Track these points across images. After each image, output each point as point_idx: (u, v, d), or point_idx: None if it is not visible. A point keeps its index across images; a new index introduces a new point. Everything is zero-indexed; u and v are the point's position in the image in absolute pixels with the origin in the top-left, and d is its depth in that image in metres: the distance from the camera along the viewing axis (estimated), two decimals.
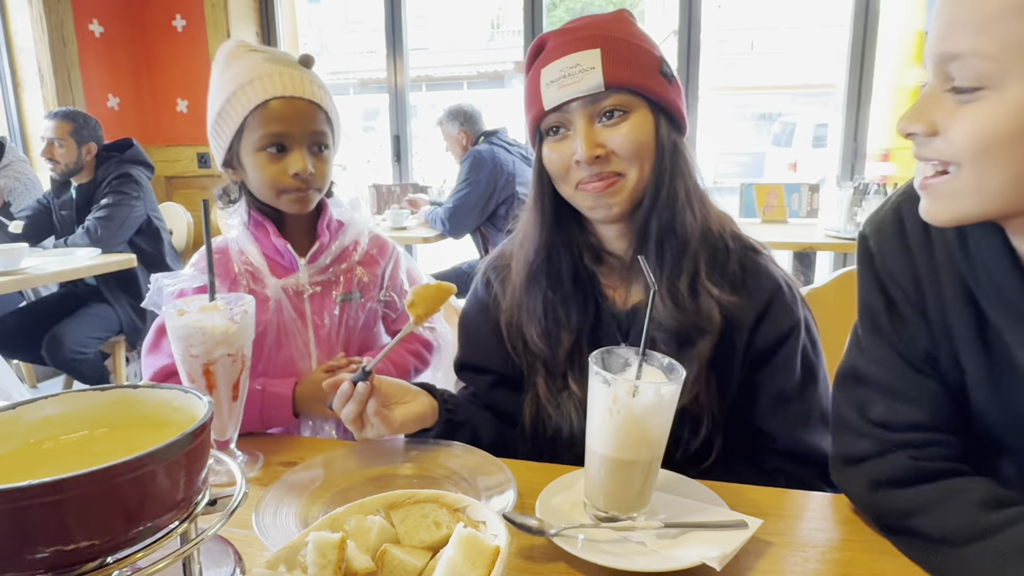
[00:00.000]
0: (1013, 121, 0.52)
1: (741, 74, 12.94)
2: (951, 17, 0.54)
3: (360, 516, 0.59)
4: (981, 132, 0.54)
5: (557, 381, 0.98)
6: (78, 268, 2.60)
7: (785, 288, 0.93)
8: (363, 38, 14.91)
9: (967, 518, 0.61)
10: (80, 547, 0.46)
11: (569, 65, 0.87)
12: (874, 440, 0.71)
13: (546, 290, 0.96)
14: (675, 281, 0.91)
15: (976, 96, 0.54)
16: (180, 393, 0.60)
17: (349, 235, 1.18)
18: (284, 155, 1.05)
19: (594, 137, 0.88)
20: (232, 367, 0.85)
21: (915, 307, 0.70)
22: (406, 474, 0.87)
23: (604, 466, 0.70)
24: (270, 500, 0.77)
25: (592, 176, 0.89)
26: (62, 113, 2.89)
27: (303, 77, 1.05)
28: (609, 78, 0.86)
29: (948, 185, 0.58)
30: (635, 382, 0.68)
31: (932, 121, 0.57)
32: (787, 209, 3.34)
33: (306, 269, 1.12)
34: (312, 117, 1.05)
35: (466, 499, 0.61)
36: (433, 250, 4.01)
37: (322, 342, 1.14)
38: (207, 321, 0.82)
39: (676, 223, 0.90)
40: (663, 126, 0.90)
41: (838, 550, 0.69)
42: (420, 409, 0.94)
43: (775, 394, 0.92)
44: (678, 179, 0.90)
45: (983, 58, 0.52)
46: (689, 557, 0.64)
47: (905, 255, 0.70)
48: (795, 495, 0.80)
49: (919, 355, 0.70)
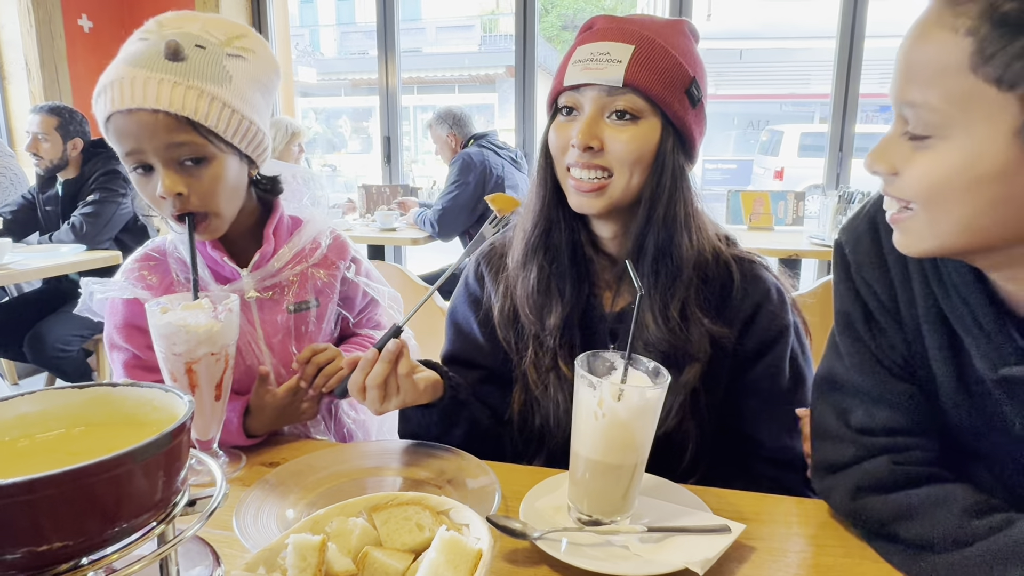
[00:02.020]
0: (959, 170, 0.55)
1: (730, 83, 13.05)
2: (906, 68, 0.57)
3: (342, 518, 0.59)
4: (930, 179, 0.56)
5: (546, 360, 0.98)
6: (62, 264, 2.57)
7: (774, 293, 0.93)
8: (355, 39, 14.88)
9: (952, 525, 0.62)
10: (53, 548, 0.45)
11: (600, 51, 0.87)
12: (855, 446, 0.71)
13: (542, 262, 0.96)
14: (667, 304, 0.90)
15: (926, 144, 0.56)
16: (161, 392, 0.59)
17: (306, 235, 1.07)
18: (151, 175, 0.89)
19: (596, 129, 0.87)
20: (215, 366, 0.84)
21: (890, 314, 0.71)
22: (390, 476, 0.86)
23: (589, 469, 0.70)
24: (251, 501, 0.76)
25: (581, 164, 0.88)
26: (48, 108, 2.86)
27: (150, 79, 0.85)
28: (630, 76, 0.85)
29: (910, 223, 0.61)
30: (620, 385, 0.68)
31: (892, 162, 0.59)
32: (773, 216, 3.36)
33: (249, 277, 1.01)
34: (163, 128, 0.86)
35: (449, 502, 0.60)
36: (422, 252, 4.00)
37: (276, 350, 1.05)
38: (191, 319, 0.81)
39: (673, 246, 0.90)
40: (669, 144, 0.88)
41: (820, 555, 0.69)
42: (433, 377, 0.94)
43: (762, 399, 0.93)
44: (678, 202, 0.89)
45: (931, 110, 0.55)
46: (672, 561, 0.64)
47: (880, 264, 0.71)
48: (778, 500, 0.81)
49: (896, 360, 0.71)
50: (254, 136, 0.95)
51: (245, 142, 0.94)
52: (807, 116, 10.99)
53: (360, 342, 1.16)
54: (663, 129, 0.88)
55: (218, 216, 0.94)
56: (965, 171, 0.54)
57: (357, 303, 1.16)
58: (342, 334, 1.17)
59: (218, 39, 0.91)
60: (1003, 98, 0.51)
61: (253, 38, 0.96)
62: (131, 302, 0.99)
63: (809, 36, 10.70)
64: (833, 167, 3.63)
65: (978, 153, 0.53)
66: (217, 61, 0.90)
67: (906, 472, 0.68)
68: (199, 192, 0.90)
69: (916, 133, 0.56)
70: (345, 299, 1.14)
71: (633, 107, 0.86)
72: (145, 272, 1.01)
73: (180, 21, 0.92)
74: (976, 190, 0.55)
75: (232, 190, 0.95)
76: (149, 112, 0.85)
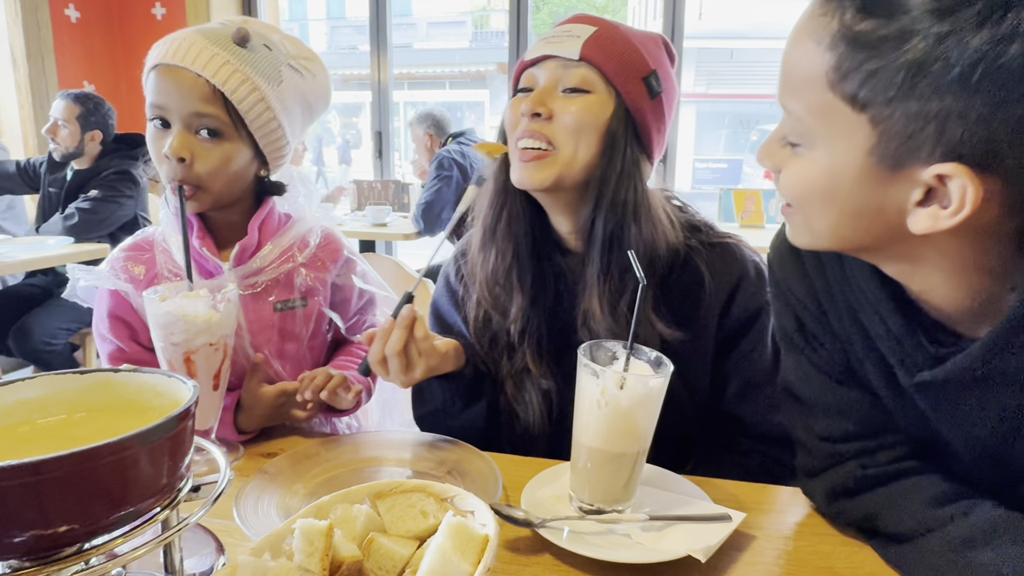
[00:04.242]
0: (821, 180, 0.56)
1: (720, 82, 13.11)
2: (783, 70, 0.58)
3: (346, 505, 0.58)
4: (799, 185, 0.58)
5: (517, 363, 0.97)
6: (48, 257, 2.54)
7: (752, 271, 0.93)
8: (345, 34, 14.80)
9: (916, 516, 0.64)
10: (59, 531, 0.44)
11: (563, 29, 0.90)
12: (824, 454, 0.73)
13: (501, 246, 0.96)
14: (617, 298, 0.90)
15: (797, 151, 0.58)
16: (164, 377, 0.58)
17: (293, 233, 1.04)
18: (167, 132, 0.92)
19: (547, 98, 0.88)
20: (213, 356, 0.83)
21: (823, 327, 0.71)
22: (389, 466, 0.86)
23: (591, 458, 0.70)
24: (251, 490, 0.75)
25: (527, 134, 0.88)
26: (73, 95, 2.82)
27: (206, 50, 0.89)
28: (586, 51, 0.86)
29: (792, 218, 0.63)
30: (623, 374, 0.68)
31: (775, 161, 0.61)
32: (764, 215, 3.39)
33: (232, 273, 0.98)
34: (197, 94, 0.89)
35: (454, 489, 0.60)
36: (413, 248, 3.99)
37: (262, 347, 1.01)
38: (189, 308, 0.80)
39: (623, 234, 0.89)
40: (621, 124, 0.88)
41: (819, 543, 0.70)
42: (454, 344, 0.93)
43: (745, 380, 0.93)
44: (628, 188, 0.88)
45: (798, 119, 0.56)
46: (674, 549, 0.64)
47: (804, 280, 0.72)
48: (776, 490, 0.81)
49: (839, 369, 0.71)
50: (278, 139, 0.97)
51: (266, 140, 0.96)
52: None
53: (355, 352, 1.13)
54: (616, 107, 0.88)
55: (207, 192, 0.94)
56: (826, 182, 0.56)
57: (353, 304, 1.13)
58: (335, 339, 1.14)
59: (288, 50, 0.98)
60: (856, 117, 0.52)
61: (319, 64, 1.02)
62: (115, 292, 0.98)
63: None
64: None
65: (836, 166, 0.55)
66: (276, 64, 0.95)
67: (874, 474, 0.69)
68: (202, 164, 0.92)
69: (790, 140, 0.58)
70: (336, 304, 1.10)
71: (586, 82, 0.87)
72: (130, 263, 1.00)
73: (263, 27, 0.98)
74: (836, 200, 0.56)
75: (233, 176, 0.96)
76: (193, 75, 0.89)
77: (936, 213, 0.51)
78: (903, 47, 0.48)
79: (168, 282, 0.96)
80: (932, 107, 0.47)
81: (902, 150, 0.50)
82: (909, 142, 0.50)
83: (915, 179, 0.51)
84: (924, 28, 0.46)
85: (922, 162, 0.50)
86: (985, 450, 0.63)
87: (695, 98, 12.20)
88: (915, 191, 0.52)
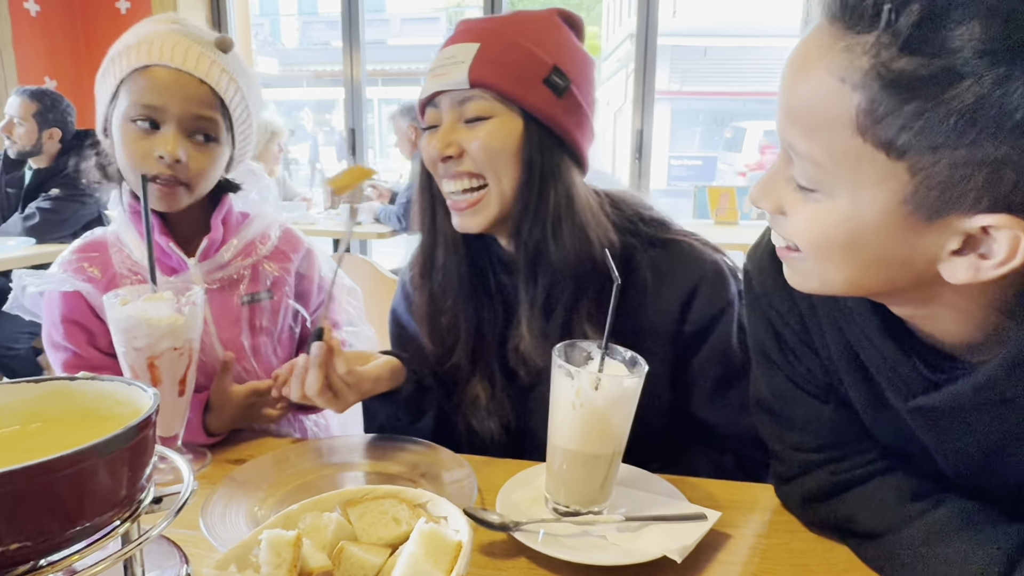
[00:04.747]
0: (844, 229, 0.51)
1: (695, 80, 13.23)
2: (787, 104, 0.52)
3: (316, 513, 0.57)
4: (814, 232, 0.53)
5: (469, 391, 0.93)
6: (8, 259, 2.46)
7: (711, 273, 0.89)
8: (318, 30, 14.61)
9: (888, 513, 0.64)
10: (10, 550, 0.42)
11: (447, 56, 0.84)
12: (795, 463, 0.73)
13: (433, 286, 0.93)
14: (547, 317, 0.86)
15: (811, 197, 0.52)
16: (123, 385, 0.56)
17: (255, 228, 1.05)
18: (155, 133, 0.90)
19: (450, 136, 0.83)
20: (178, 361, 0.81)
21: (804, 343, 0.70)
22: (362, 471, 0.85)
23: (566, 460, 0.70)
24: (218, 499, 0.74)
25: (448, 176, 0.85)
26: (29, 92, 2.72)
27: (204, 55, 0.91)
28: (474, 75, 0.81)
29: (797, 263, 0.58)
30: (598, 375, 0.68)
31: (779, 202, 0.56)
32: (739, 211, 3.42)
33: (198, 268, 0.98)
34: (198, 98, 0.91)
35: (427, 494, 0.59)
36: (388, 246, 3.95)
37: (230, 344, 1.00)
38: (152, 312, 0.78)
39: (547, 248, 0.85)
40: (534, 139, 0.83)
41: (793, 540, 0.71)
42: (393, 363, 0.90)
43: (713, 383, 0.90)
44: (548, 200, 0.84)
45: (814, 164, 0.50)
46: (650, 550, 0.64)
47: (787, 294, 0.68)
48: (751, 487, 0.82)
49: (816, 384, 0.71)
50: (248, 139, 1.00)
51: (243, 140, 0.99)
52: (769, 113, 11.20)
53: None
54: (524, 124, 0.83)
55: (192, 192, 0.95)
56: (848, 231, 0.51)
57: (313, 298, 1.12)
58: (303, 336, 1.12)
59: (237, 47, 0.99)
60: (891, 165, 0.46)
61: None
62: (70, 296, 0.94)
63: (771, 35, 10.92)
64: None
65: (862, 216, 0.50)
66: (245, 68, 0.97)
67: (845, 479, 0.69)
68: (197, 166, 0.92)
69: (801, 184, 0.52)
70: (300, 295, 1.10)
71: (484, 109, 0.82)
72: (86, 264, 0.96)
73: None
74: (858, 250, 0.52)
75: (215, 177, 0.97)
76: (194, 78, 0.90)
77: (976, 263, 0.47)
78: (950, 90, 0.43)
79: (130, 284, 0.93)
80: (984, 155, 0.43)
81: (943, 199, 0.46)
82: (952, 191, 0.45)
83: (954, 228, 0.47)
84: (976, 71, 0.42)
85: (965, 211, 0.45)
86: (970, 462, 0.62)
87: (670, 95, 12.30)
88: (951, 240, 0.47)
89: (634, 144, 3.84)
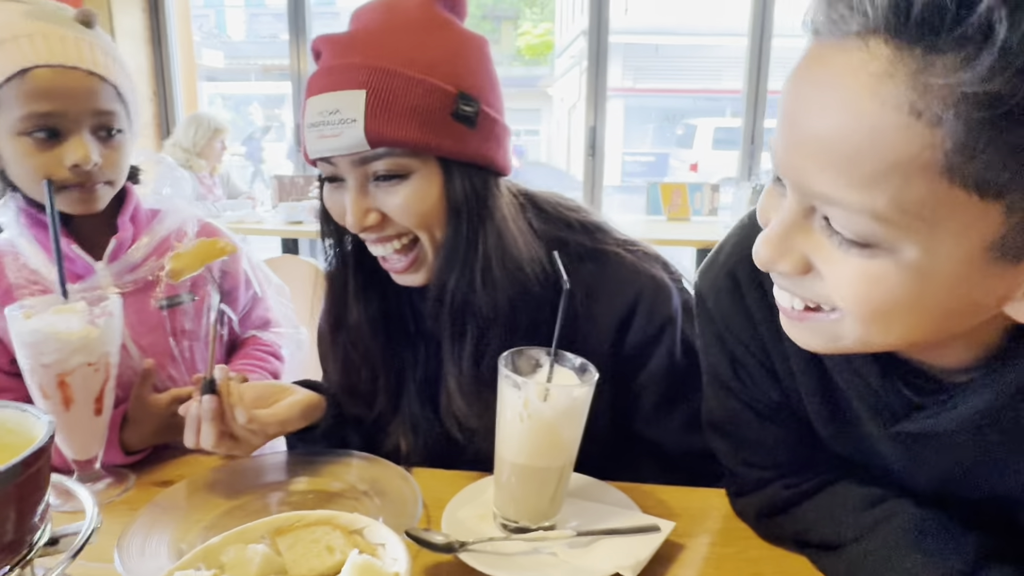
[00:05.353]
0: (908, 284, 0.42)
1: (647, 77, 13.39)
2: (819, 156, 0.41)
3: (240, 545, 0.52)
4: (873, 295, 0.43)
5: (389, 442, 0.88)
6: None
7: (649, 285, 0.83)
8: (265, 22, 14.22)
9: (844, 523, 0.63)
10: None
11: (329, 109, 0.70)
12: (749, 478, 0.71)
13: (346, 344, 0.86)
14: (477, 366, 0.78)
15: (865, 253, 0.43)
16: (15, 411, 0.51)
17: (167, 224, 0.96)
18: (57, 142, 0.81)
19: (364, 203, 0.73)
20: (93, 377, 0.75)
21: (763, 366, 0.66)
22: (299, 489, 0.79)
23: (515, 474, 0.66)
24: (138, 528, 0.67)
25: (373, 242, 0.77)
26: None
27: (80, 40, 0.81)
28: (373, 135, 0.69)
29: (827, 326, 0.48)
30: (547, 385, 0.64)
31: (804, 259, 0.46)
32: (690, 208, 3.46)
33: (106, 271, 0.89)
34: (94, 93, 0.82)
35: (363, 519, 0.55)
36: None
37: (149, 351, 0.92)
38: (61, 325, 0.71)
39: (475, 298, 0.76)
40: (457, 184, 0.74)
41: (749, 548, 0.69)
42: (304, 400, 0.83)
43: (657, 400, 0.85)
44: (476, 248, 0.75)
45: (874, 218, 0.40)
46: (603, 567, 0.61)
47: (747, 319, 0.65)
48: (706, 494, 0.80)
49: (770, 406, 0.68)
50: (139, 111, 0.92)
51: (136, 116, 0.91)
52: (719, 111, 11.42)
53: (253, 354, 1.04)
54: (443, 173, 0.74)
55: (113, 188, 0.89)
56: (915, 287, 0.42)
57: (241, 297, 1.05)
58: (231, 339, 1.06)
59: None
60: (983, 207, 0.39)
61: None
62: None
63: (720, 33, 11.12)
64: (746, 160, 3.77)
65: (935, 267, 0.41)
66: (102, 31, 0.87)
67: (800, 491, 0.67)
68: (112, 163, 0.86)
69: (849, 239, 0.43)
70: (226, 294, 1.02)
71: (394, 167, 0.72)
72: None
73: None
74: (922, 306, 0.44)
75: (128, 165, 0.90)
76: (84, 73, 0.81)
77: None
78: None
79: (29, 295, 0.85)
80: None
81: None
82: None
83: None
84: None
85: None
86: (939, 481, 0.61)
87: (623, 92, 12.41)
88: None
89: (588, 141, 3.84)
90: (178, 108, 4.25)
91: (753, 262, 0.50)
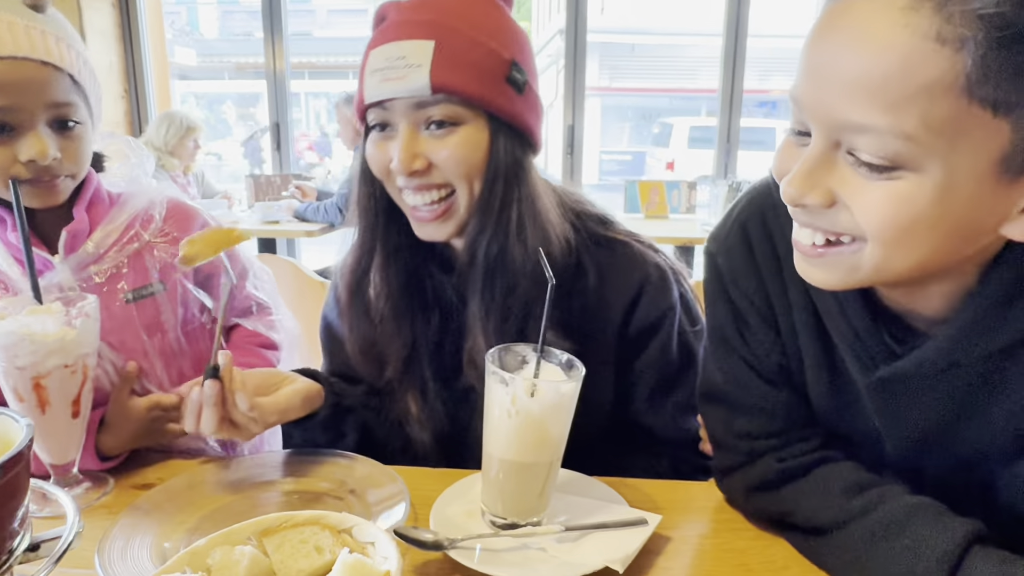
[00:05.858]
0: (932, 203, 0.47)
1: (623, 76, 13.48)
2: (854, 86, 0.47)
3: (226, 547, 0.51)
4: (900, 215, 0.48)
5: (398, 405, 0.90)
6: None
7: (654, 275, 0.87)
8: (239, 20, 14.02)
9: (832, 508, 0.64)
10: None
11: (396, 55, 0.75)
12: (741, 451, 0.72)
13: (370, 301, 0.87)
14: (502, 325, 0.82)
15: (892, 176, 0.47)
16: None
17: (130, 209, 0.91)
18: (12, 137, 0.77)
19: (415, 147, 0.77)
20: (70, 380, 0.73)
21: (767, 322, 0.69)
22: (285, 490, 0.79)
23: (503, 470, 0.66)
24: (119, 532, 0.66)
25: (413, 188, 0.79)
26: None
27: (31, 27, 0.76)
28: (437, 81, 0.74)
29: (846, 258, 0.53)
30: (534, 381, 0.64)
31: (830, 191, 0.51)
32: (668, 206, 3.49)
33: (64, 265, 0.85)
34: (49, 84, 0.78)
35: (351, 518, 0.54)
36: (318, 245, 3.81)
37: (120, 347, 0.88)
38: (36, 326, 0.69)
39: (506, 257, 0.80)
40: (501, 143, 0.79)
41: (734, 539, 0.70)
42: (304, 389, 0.84)
43: (653, 387, 0.89)
44: (511, 206, 0.80)
45: (902, 138, 0.45)
46: (592, 561, 0.61)
47: (755, 273, 0.68)
48: (689, 486, 0.81)
49: (772, 368, 0.70)
50: (99, 97, 0.88)
51: (96, 103, 0.87)
52: (695, 110, 11.55)
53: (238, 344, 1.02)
54: (491, 130, 0.78)
55: (75, 179, 0.85)
56: (937, 205, 0.47)
57: (222, 279, 1.00)
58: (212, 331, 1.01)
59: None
60: (996, 124, 0.44)
61: None
62: None
63: (696, 33, 11.24)
64: (721, 158, 3.82)
65: (954, 184, 0.46)
66: (58, 14, 0.82)
67: (791, 467, 0.69)
68: (71, 155, 0.82)
69: (876, 163, 0.47)
70: (206, 279, 0.98)
71: (450, 115, 0.76)
72: None
73: None
74: (943, 224, 0.48)
75: (90, 154, 0.87)
76: (36, 64, 0.77)
77: None
78: None
79: (6, 296, 0.82)
80: None
81: None
82: None
83: None
84: None
85: None
86: (917, 442, 0.63)
87: (600, 91, 12.48)
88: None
89: (566, 139, 3.85)
90: (150, 107, 4.17)
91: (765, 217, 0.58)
